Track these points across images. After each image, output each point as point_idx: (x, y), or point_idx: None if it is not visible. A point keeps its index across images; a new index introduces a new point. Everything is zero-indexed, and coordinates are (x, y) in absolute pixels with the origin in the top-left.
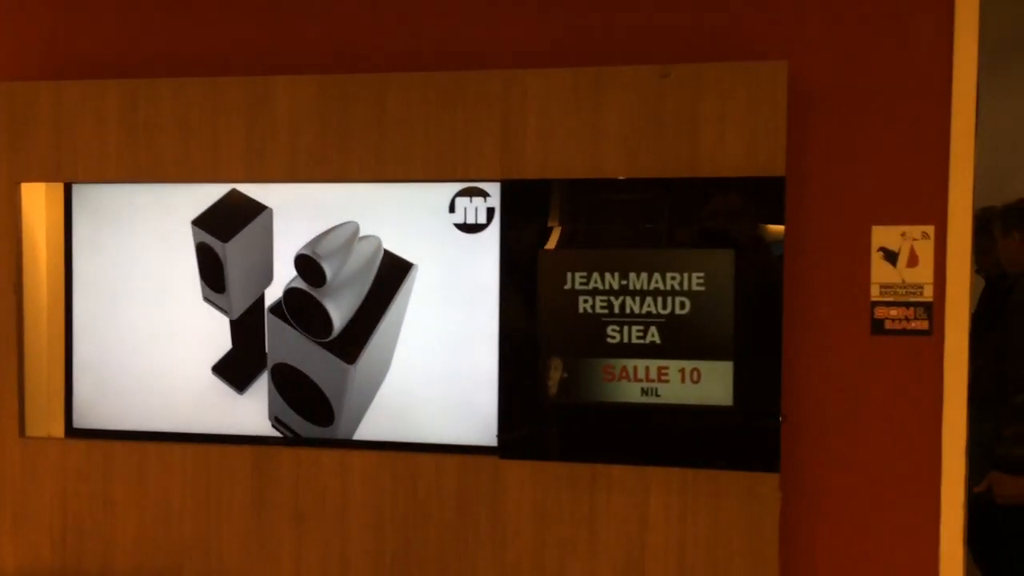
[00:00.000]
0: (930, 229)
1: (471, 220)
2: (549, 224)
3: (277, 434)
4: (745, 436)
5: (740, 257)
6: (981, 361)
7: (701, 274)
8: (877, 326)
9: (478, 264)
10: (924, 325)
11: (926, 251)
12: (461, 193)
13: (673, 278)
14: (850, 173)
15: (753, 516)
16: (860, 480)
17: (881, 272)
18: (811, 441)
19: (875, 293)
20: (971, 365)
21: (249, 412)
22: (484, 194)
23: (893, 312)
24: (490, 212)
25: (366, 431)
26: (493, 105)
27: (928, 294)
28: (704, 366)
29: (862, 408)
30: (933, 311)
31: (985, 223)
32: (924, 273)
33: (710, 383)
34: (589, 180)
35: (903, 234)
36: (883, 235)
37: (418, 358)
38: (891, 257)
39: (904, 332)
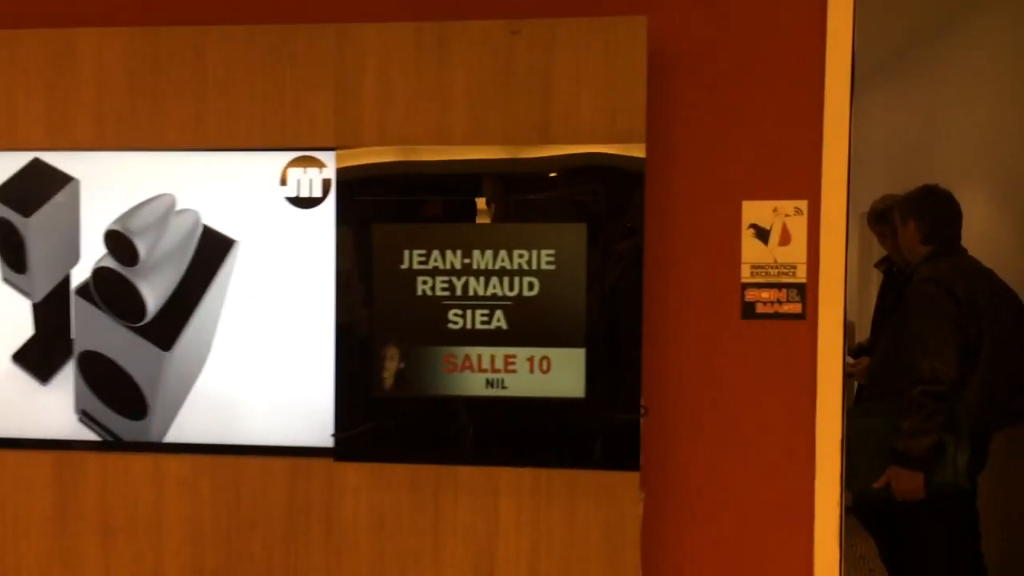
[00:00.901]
0: (803, 204)
1: (304, 193)
2: (387, 196)
3: (84, 429)
4: (601, 431)
5: (594, 233)
6: (881, 353)
7: (551, 251)
8: (748, 309)
9: (314, 242)
10: (797, 308)
11: (799, 228)
12: (294, 163)
13: (521, 256)
14: (718, 142)
15: (612, 519)
16: (730, 476)
17: (752, 251)
18: (676, 435)
19: (746, 274)
20: (874, 358)
21: (53, 405)
22: (320, 164)
23: (764, 294)
24: (327, 184)
25: (183, 432)
26: (326, 63)
27: (801, 275)
28: (555, 354)
29: (731, 399)
30: (806, 293)
31: (887, 212)
32: (797, 252)
33: (561, 373)
34: (432, 147)
35: (775, 210)
36: (754, 211)
37: (243, 347)
38: (762, 235)
39: (776, 316)
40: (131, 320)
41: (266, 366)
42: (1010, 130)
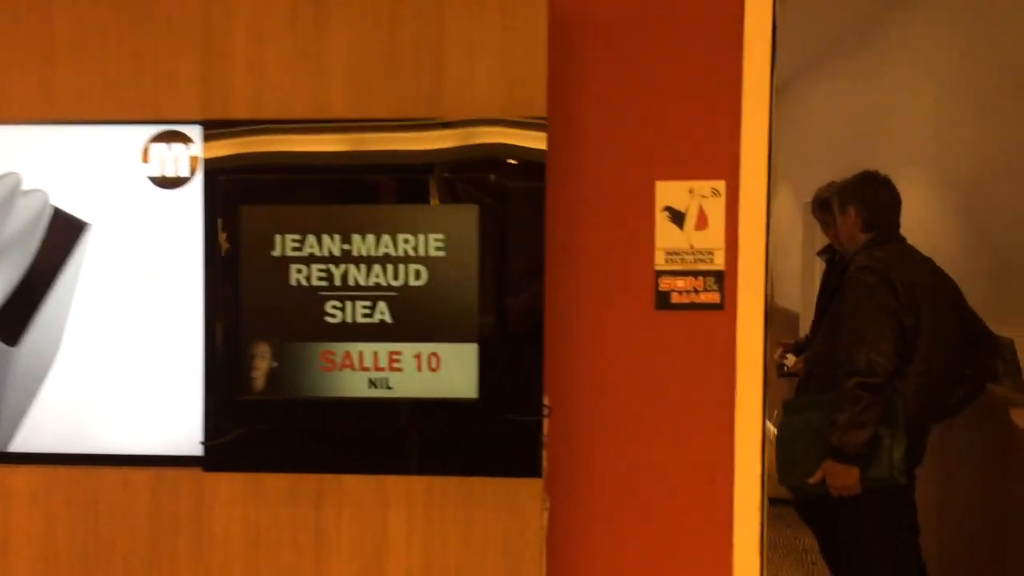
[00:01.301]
0: (720, 185)
1: (169, 172)
2: (259, 175)
3: None
4: (498, 435)
5: (487, 215)
6: (818, 345)
7: (440, 236)
8: (662, 299)
9: (179, 227)
10: (715, 298)
11: (717, 211)
12: (156, 138)
13: (407, 241)
14: (630, 117)
15: (513, 531)
16: (644, 480)
17: (667, 236)
18: (585, 437)
19: (660, 260)
20: (811, 350)
21: None
22: (185, 139)
23: (680, 283)
24: (194, 162)
25: (30, 440)
26: (191, 27)
27: (719, 261)
28: (445, 350)
29: (645, 396)
30: (725, 281)
31: (830, 200)
32: (715, 237)
33: (452, 371)
34: (309, 121)
35: (691, 191)
36: (669, 192)
37: (98, 344)
38: (678, 218)
39: (693, 306)
40: None
41: (125, 365)
42: (951, 118)
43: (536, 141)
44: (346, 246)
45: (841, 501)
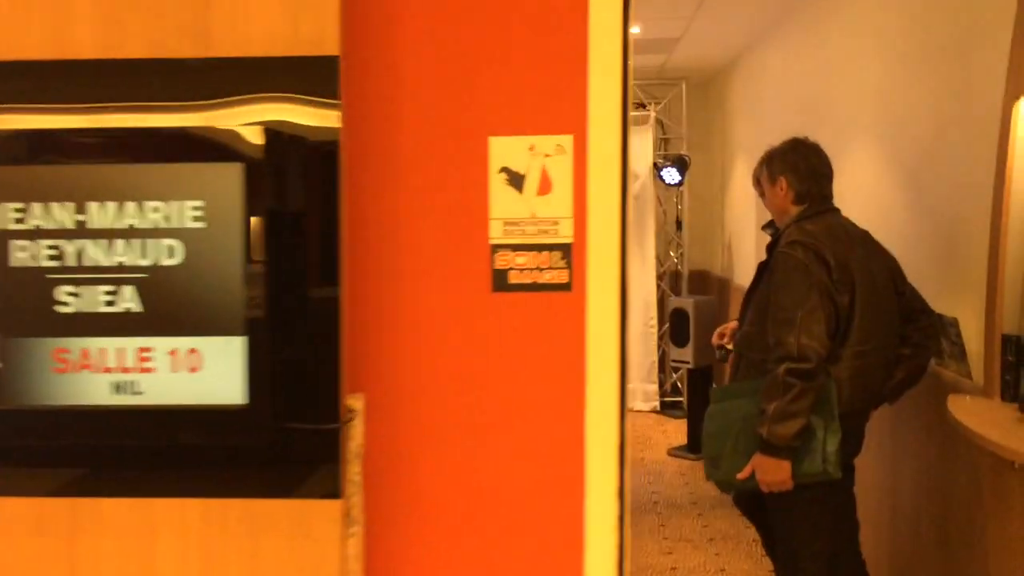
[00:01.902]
0: (566, 141)
1: None
2: None
3: None
4: (283, 448)
5: (258, 175)
6: (747, 326)
7: (198, 203)
8: (499, 279)
9: None
10: (562, 276)
11: (563, 172)
12: None
13: (156, 210)
14: (455, 59)
15: (309, 562)
16: (481, 491)
17: (504, 202)
18: (409, 444)
19: (496, 233)
20: (739, 332)
21: None
22: None
23: (520, 259)
24: None
25: None
26: None
27: (566, 233)
28: (206, 345)
29: (480, 394)
30: (573, 256)
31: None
32: (561, 203)
33: (215, 371)
34: (44, 59)
35: (532, 148)
36: (505, 150)
37: None
38: (516, 181)
39: (535, 287)
40: None
41: None
42: (896, 85)
43: (326, 87)
44: (81, 216)
45: (773, 497)
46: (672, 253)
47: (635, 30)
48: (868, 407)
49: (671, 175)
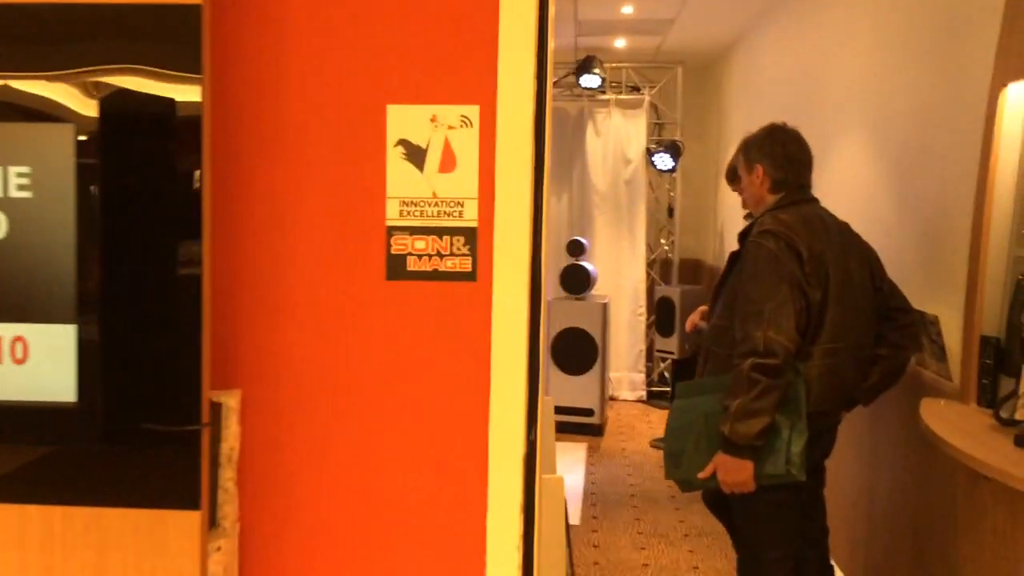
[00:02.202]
0: (473, 111)
1: None
2: None
3: None
4: (129, 451)
5: (97, 138)
6: (715, 318)
7: (24, 170)
8: (396, 266)
9: None
10: (465, 264)
11: (468, 147)
12: None
13: None
14: (349, 14)
15: None
16: (369, 506)
17: (402, 180)
18: (285, 451)
19: (392, 213)
20: (708, 325)
21: None
22: None
23: (419, 244)
24: None
25: None
26: None
27: (471, 215)
28: (33, 333)
29: (373, 396)
30: (478, 242)
31: (735, 168)
32: (466, 182)
33: (43, 363)
34: None
35: (434, 119)
36: (404, 120)
37: None
38: (416, 156)
39: (436, 275)
40: None
41: None
42: (888, 69)
43: (185, 39)
44: None
45: (735, 498)
46: (663, 241)
47: (628, 10)
48: (839, 408)
49: (664, 161)
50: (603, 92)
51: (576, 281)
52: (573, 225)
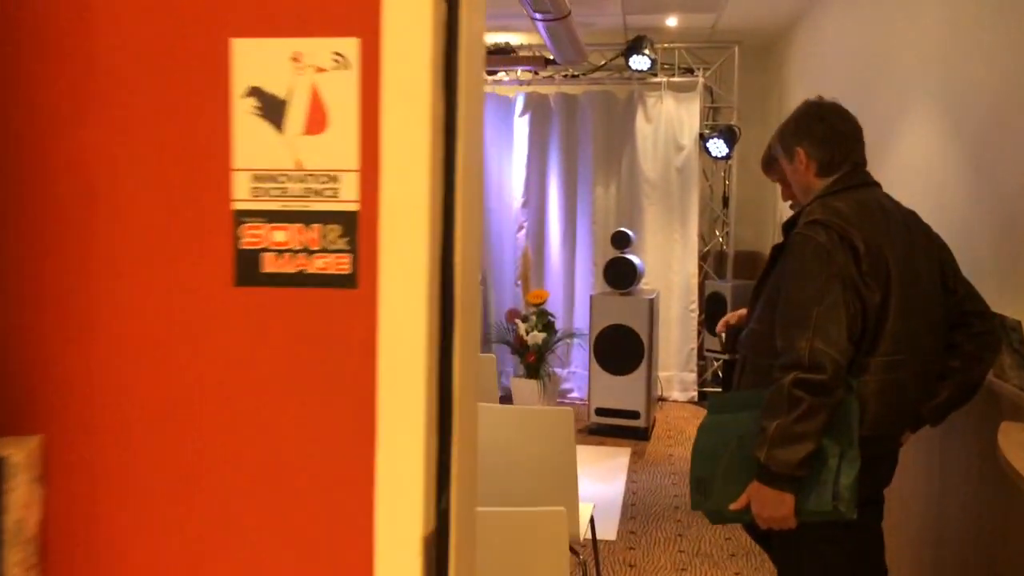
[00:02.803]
0: (351, 46)
1: None
2: None
3: None
4: None
5: None
6: (754, 323)
7: None
8: (247, 266)
9: None
10: (342, 264)
11: (344, 98)
12: None
13: None
14: None
15: None
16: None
17: (253, 145)
18: (105, 514)
19: (242, 191)
20: (745, 330)
21: None
22: None
23: (279, 235)
24: None
25: None
26: None
27: (350, 195)
28: None
29: (213, 444)
30: (360, 232)
31: (773, 157)
32: (341, 148)
33: None
34: None
35: (297, 58)
36: (255, 60)
37: None
38: (273, 111)
39: (301, 279)
40: None
41: None
42: (962, 43)
43: None
44: None
45: (776, 533)
46: (717, 232)
47: None
48: (900, 431)
49: (718, 147)
50: (654, 74)
51: (621, 275)
52: (622, 216)
